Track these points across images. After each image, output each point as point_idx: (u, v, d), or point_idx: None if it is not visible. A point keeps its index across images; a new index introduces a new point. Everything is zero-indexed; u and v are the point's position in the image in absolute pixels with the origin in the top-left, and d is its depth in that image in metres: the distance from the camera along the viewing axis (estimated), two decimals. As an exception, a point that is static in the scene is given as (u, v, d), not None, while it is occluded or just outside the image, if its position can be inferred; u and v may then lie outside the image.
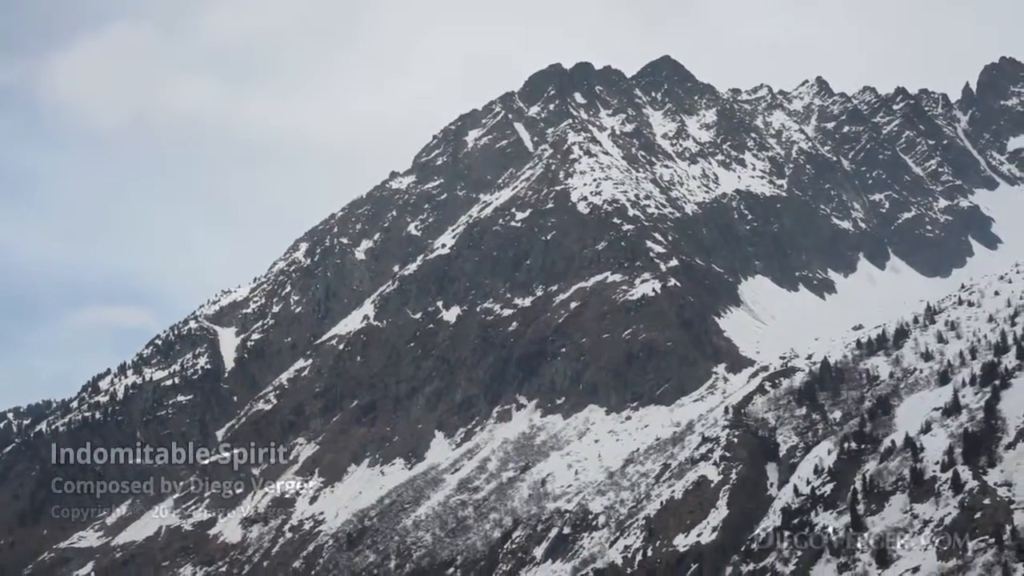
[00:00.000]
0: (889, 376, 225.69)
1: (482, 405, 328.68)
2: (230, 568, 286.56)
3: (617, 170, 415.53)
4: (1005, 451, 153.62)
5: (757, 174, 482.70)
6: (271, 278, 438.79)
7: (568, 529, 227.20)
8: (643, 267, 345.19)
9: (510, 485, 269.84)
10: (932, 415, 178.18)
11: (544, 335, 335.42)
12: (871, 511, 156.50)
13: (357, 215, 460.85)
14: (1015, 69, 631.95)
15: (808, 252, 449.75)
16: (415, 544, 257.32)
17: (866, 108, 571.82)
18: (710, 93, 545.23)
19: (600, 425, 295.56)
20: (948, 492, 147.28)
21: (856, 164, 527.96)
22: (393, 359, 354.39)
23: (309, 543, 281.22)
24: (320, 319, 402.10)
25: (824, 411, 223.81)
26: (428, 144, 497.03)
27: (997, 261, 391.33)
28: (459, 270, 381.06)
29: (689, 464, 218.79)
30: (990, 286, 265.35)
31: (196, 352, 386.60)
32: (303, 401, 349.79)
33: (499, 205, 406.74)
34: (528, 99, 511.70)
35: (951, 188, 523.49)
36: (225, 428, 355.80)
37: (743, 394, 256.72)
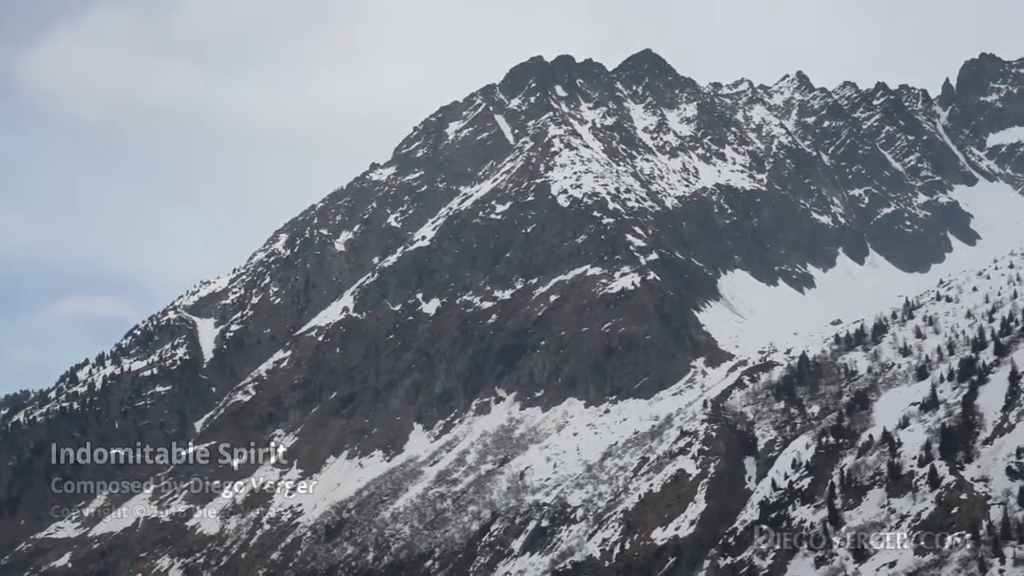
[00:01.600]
0: (867, 371, 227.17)
1: (461, 398, 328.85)
2: (208, 560, 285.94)
3: (597, 163, 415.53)
4: (982, 446, 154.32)
5: (737, 168, 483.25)
6: (250, 269, 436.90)
7: (546, 522, 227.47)
8: (623, 260, 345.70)
9: (488, 478, 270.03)
10: (910, 410, 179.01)
11: (523, 328, 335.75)
12: (848, 505, 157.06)
13: (337, 206, 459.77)
14: (995, 65, 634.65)
15: (787, 246, 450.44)
16: (393, 536, 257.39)
17: (846, 103, 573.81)
18: (691, 87, 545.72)
19: (579, 418, 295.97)
20: (925, 487, 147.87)
21: (836, 159, 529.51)
22: (372, 351, 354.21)
23: (287, 535, 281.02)
24: (299, 310, 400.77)
25: (802, 405, 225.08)
26: (408, 136, 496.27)
27: (976, 257, 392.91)
28: (439, 262, 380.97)
29: (667, 458, 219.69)
30: (968, 282, 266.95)
31: (175, 343, 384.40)
32: (282, 393, 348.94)
33: (479, 198, 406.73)
34: (509, 91, 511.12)
35: (930, 184, 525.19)
36: (203, 419, 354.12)
37: (721, 388, 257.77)
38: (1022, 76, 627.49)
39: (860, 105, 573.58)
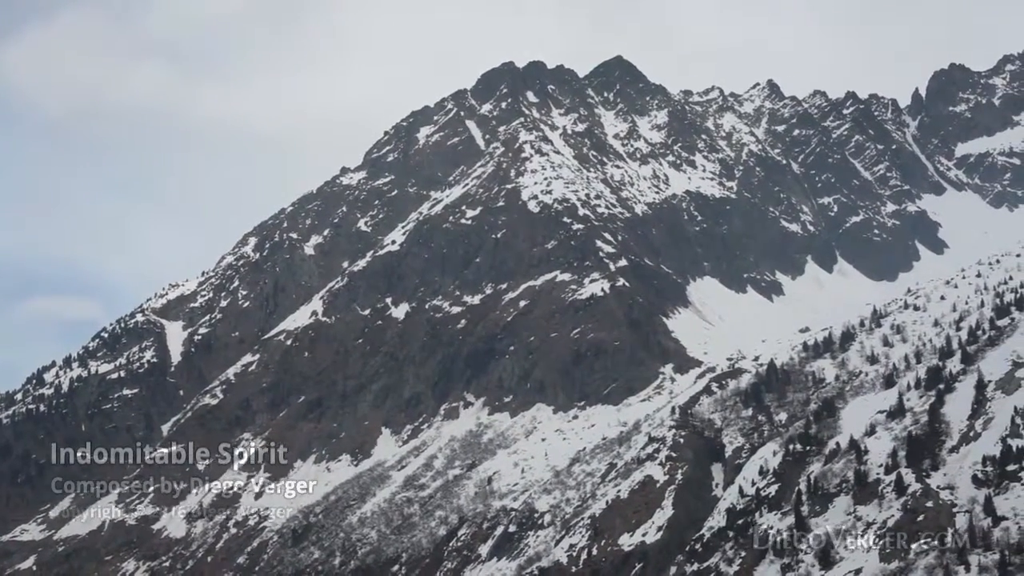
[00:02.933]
0: (835, 379, 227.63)
1: (429, 402, 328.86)
2: (174, 563, 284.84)
3: (568, 169, 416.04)
4: (948, 454, 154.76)
5: (707, 175, 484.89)
6: (219, 272, 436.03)
7: (514, 527, 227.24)
8: (592, 267, 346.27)
9: (456, 483, 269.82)
10: (877, 418, 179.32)
11: (492, 333, 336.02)
12: (815, 512, 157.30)
13: (307, 210, 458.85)
14: (964, 76, 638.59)
15: (756, 254, 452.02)
16: (360, 541, 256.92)
17: (816, 112, 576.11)
18: (662, 94, 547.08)
19: (547, 424, 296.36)
20: (891, 494, 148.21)
21: (805, 167, 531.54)
22: (341, 355, 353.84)
23: (254, 539, 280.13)
24: (268, 314, 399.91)
25: (770, 413, 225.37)
26: (379, 140, 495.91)
27: (943, 266, 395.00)
28: (408, 267, 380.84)
29: (635, 464, 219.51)
30: (936, 291, 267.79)
31: (142, 345, 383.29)
32: (250, 396, 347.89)
33: (449, 203, 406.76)
34: (480, 97, 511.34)
35: (899, 193, 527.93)
36: (171, 423, 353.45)
37: (690, 395, 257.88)
38: (991, 87, 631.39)
39: (830, 114, 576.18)
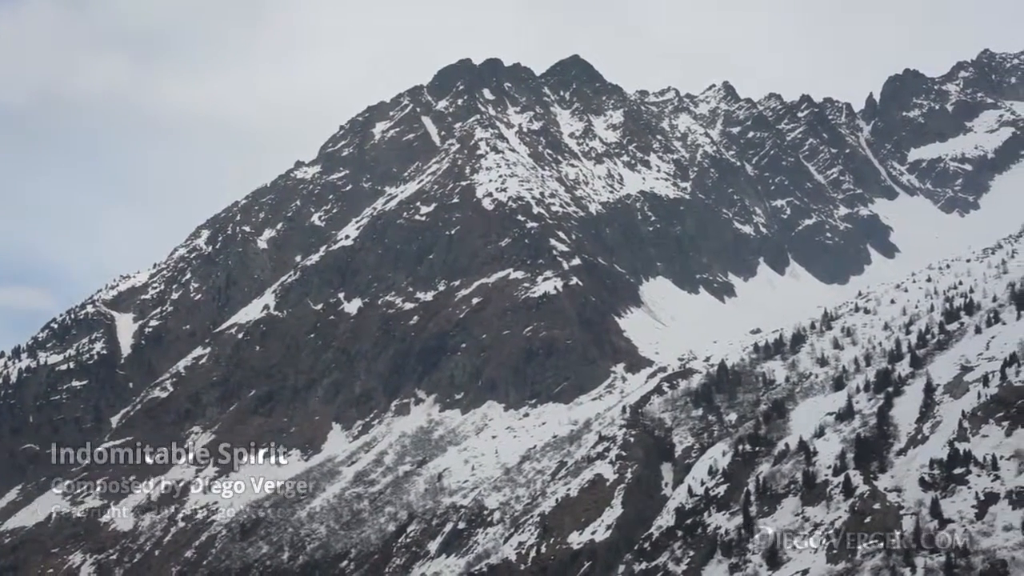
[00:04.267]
0: (785, 380, 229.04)
1: (380, 398, 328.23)
2: (121, 557, 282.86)
3: (523, 167, 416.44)
4: (896, 457, 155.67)
5: (662, 176, 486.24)
6: (171, 264, 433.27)
7: (463, 524, 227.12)
8: (546, 265, 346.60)
9: (406, 479, 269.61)
10: (826, 420, 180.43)
11: (445, 330, 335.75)
12: (763, 513, 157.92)
13: (260, 204, 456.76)
14: (918, 81, 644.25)
15: (709, 255, 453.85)
16: (309, 536, 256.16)
17: (771, 115, 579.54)
18: (618, 94, 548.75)
19: (498, 421, 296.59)
20: (839, 496, 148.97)
21: (759, 169, 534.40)
22: (292, 350, 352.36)
23: (202, 533, 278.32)
24: (220, 307, 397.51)
25: (720, 413, 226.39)
26: (334, 135, 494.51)
27: (894, 270, 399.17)
28: (362, 262, 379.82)
29: (585, 462, 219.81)
30: (887, 294, 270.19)
31: (92, 337, 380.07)
32: (200, 390, 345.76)
33: (404, 198, 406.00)
34: (436, 93, 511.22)
35: (851, 196, 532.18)
36: (120, 415, 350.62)
37: (641, 394, 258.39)
38: (944, 93, 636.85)
39: (784, 117, 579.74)
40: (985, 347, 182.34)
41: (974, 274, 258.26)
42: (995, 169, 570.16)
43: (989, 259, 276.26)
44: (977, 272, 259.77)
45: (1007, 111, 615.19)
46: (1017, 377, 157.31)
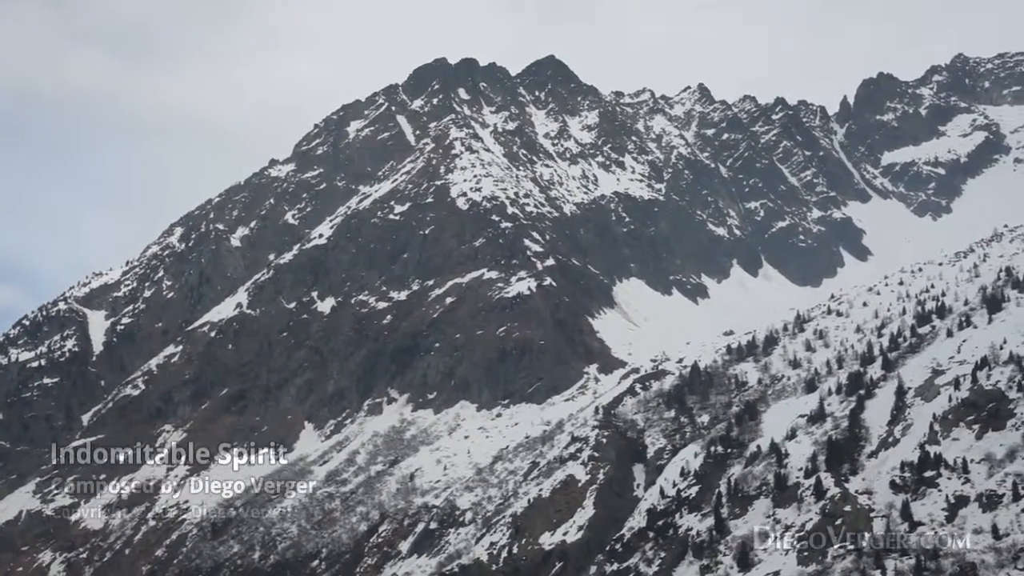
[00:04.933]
0: (757, 382, 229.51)
1: (353, 398, 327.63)
2: (91, 555, 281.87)
3: (498, 167, 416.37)
4: (867, 460, 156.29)
5: (636, 177, 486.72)
6: (144, 262, 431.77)
7: (435, 524, 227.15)
8: (519, 265, 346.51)
9: (378, 479, 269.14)
10: (798, 422, 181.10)
11: (418, 329, 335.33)
12: (735, 515, 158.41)
13: (234, 201, 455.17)
14: (892, 85, 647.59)
15: (683, 257, 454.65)
16: (280, 535, 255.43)
17: (745, 117, 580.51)
18: (593, 95, 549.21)
19: (471, 421, 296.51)
20: (810, 498, 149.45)
21: (733, 171, 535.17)
22: (265, 348, 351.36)
23: (173, 532, 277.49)
24: (192, 305, 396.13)
25: (692, 414, 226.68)
26: (309, 133, 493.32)
27: (867, 273, 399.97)
28: (335, 261, 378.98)
29: (557, 463, 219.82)
30: (859, 297, 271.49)
31: (64, 334, 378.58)
32: (172, 388, 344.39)
33: (378, 197, 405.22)
34: (411, 92, 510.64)
35: (825, 199, 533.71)
36: (91, 413, 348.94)
37: (613, 395, 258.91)
38: (918, 96, 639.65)
39: (759, 119, 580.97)
40: (956, 350, 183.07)
41: (946, 278, 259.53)
42: (968, 173, 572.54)
43: (961, 263, 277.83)
44: (949, 276, 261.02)
45: (980, 115, 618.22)
46: (988, 381, 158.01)
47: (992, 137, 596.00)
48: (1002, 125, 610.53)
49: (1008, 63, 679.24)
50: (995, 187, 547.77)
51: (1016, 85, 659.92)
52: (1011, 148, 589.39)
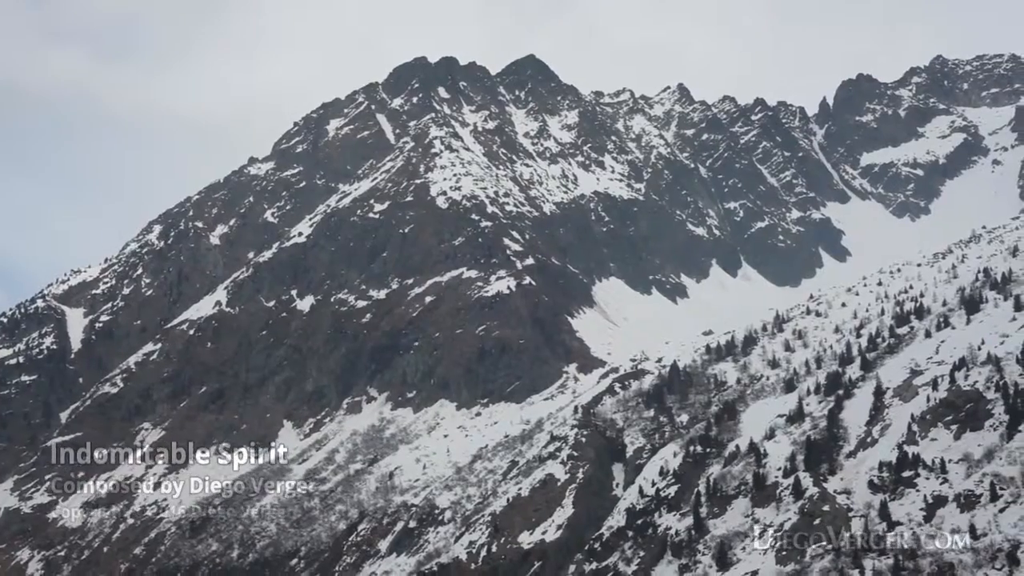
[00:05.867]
0: (736, 382, 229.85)
1: (332, 396, 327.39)
2: (69, 553, 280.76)
3: (477, 166, 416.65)
4: (846, 459, 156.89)
5: (616, 177, 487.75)
6: (123, 259, 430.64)
7: (414, 523, 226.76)
8: (499, 264, 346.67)
9: (357, 477, 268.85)
10: (776, 422, 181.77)
11: (398, 328, 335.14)
12: (713, 514, 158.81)
13: (214, 199, 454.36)
14: (871, 87, 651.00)
15: (662, 256, 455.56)
16: (259, 534, 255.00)
17: (725, 117, 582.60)
18: (573, 94, 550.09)
19: (450, 420, 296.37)
20: (789, 498, 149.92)
21: (713, 172, 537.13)
22: (244, 346, 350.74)
23: (151, 530, 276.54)
24: (171, 303, 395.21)
25: (671, 414, 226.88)
26: (289, 131, 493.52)
27: (846, 273, 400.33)
28: (315, 259, 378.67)
29: (537, 462, 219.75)
30: (838, 298, 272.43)
31: (42, 331, 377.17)
32: (150, 385, 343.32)
33: (358, 196, 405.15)
34: (392, 91, 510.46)
35: (804, 200, 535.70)
36: (69, 410, 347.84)
37: (593, 394, 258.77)
38: (897, 98, 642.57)
39: (738, 120, 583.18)
40: (935, 351, 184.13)
41: (924, 279, 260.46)
42: (946, 175, 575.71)
43: (939, 264, 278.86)
44: (927, 277, 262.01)
45: (959, 117, 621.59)
46: (966, 381, 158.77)
47: (970, 139, 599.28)
48: (980, 127, 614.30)
49: (987, 65, 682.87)
50: (973, 189, 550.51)
51: (994, 87, 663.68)
52: (989, 150, 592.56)
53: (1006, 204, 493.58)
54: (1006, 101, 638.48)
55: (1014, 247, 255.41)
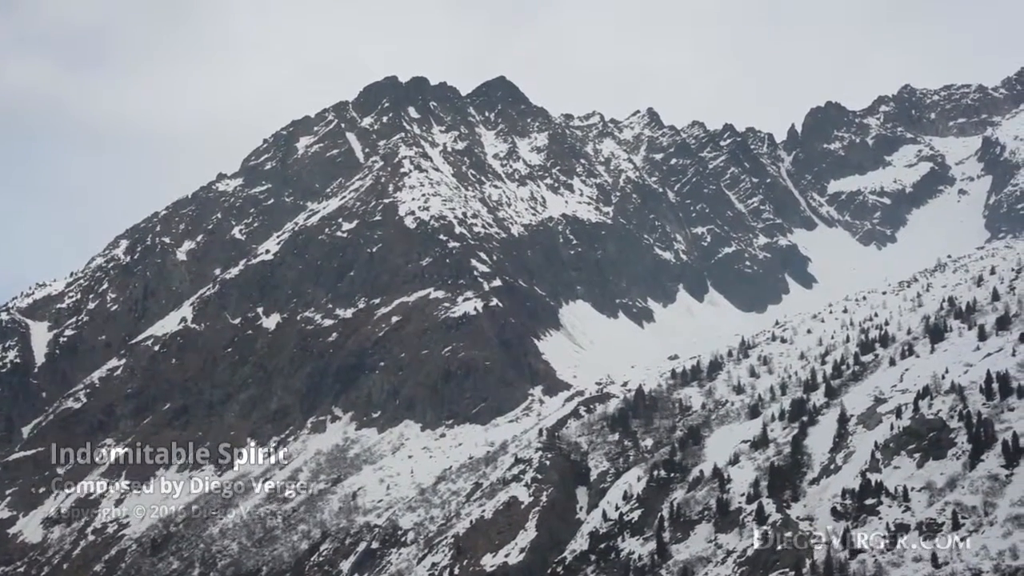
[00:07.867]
0: (701, 407, 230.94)
1: (297, 415, 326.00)
2: (28, 569, 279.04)
3: (446, 187, 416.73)
4: (809, 486, 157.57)
5: (584, 200, 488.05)
6: (88, 274, 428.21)
7: (376, 544, 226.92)
8: (466, 285, 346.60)
9: (321, 497, 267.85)
10: (741, 447, 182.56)
11: (363, 348, 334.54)
12: (677, 539, 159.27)
13: (181, 215, 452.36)
14: (840, 114, 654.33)
15: (629, 280, 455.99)
16: (220, 553, 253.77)
17: (694, 142, 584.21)
18: (543, 117, 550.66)
19: (414, 441, 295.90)
20: (752, 524, 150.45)
21: (681, 196, 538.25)
22: (209, 363, 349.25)
23: (112, 547, 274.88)
24: (137, 319, 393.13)
25: (636, 438, 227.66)
26: (258, 148, 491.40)
27: (812, 300, 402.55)
28: (282, 277, 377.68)
29: (500, 484, 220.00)
30: (803, 324, 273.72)
31: (6, 345, 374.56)
32: (114, 401, 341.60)
33: (326, 214, 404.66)
34: (361, 109, 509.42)
35: (771, 226, 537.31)
36: (32, 425, 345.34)
37: (558, 417, 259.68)
38: (865, 126, 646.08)
39: (707, 145, 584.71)
40: (899, 379, 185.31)
41: (889, 307, 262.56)
42: (913, 203, 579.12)
43: (905, 292, 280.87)
44: (892, 305, 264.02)
45: (926, 146, 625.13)
46: (930, 410, 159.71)
47: (937, 168, 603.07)
48: (947, 156, 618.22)
49: (954, 95, 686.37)
50: (939, 218, 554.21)
51: (961, 117, 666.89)
52: (955, 179, 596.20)
53: (972, 233, 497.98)
54: (973, 131, 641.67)
55: (979, 276, 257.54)
